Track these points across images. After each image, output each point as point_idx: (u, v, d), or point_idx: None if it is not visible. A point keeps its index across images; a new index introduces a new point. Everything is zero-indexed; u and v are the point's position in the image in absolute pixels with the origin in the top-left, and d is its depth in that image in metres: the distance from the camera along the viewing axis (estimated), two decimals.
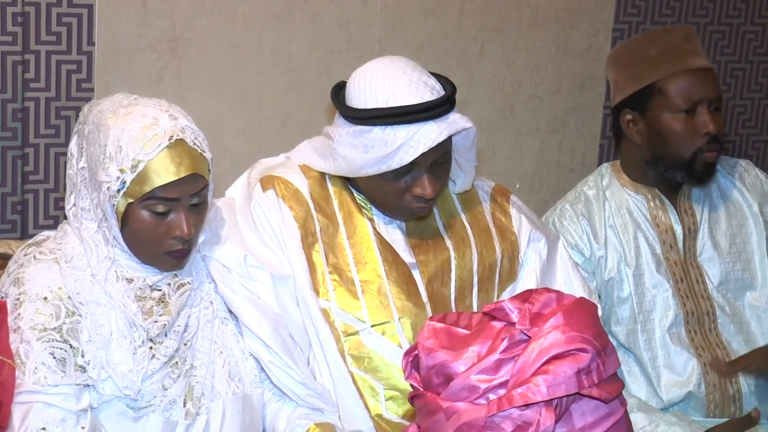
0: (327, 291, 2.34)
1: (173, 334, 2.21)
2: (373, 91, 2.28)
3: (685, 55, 2.78)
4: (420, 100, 2.25)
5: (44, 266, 2.17)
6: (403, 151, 2.25)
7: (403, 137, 2.24)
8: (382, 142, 2.25)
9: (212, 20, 3.07)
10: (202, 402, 2.23)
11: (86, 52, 2.96)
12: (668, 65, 2.77)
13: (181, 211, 2.14)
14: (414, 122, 2.24)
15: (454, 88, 2.33)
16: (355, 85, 2.33)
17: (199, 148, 2.14)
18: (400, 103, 2.25)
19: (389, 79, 2.28)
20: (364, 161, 2.28)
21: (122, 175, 2.09)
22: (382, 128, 2.25)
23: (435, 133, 2.25)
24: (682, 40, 2.82)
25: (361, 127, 2.28)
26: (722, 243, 2.86)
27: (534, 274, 2.51)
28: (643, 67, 2.80)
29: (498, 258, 2.47)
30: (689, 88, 2.75)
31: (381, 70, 2.31)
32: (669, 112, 2.76)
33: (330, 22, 3.20)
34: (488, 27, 3.41)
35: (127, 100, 2.17)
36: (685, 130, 2.75)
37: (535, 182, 3.61)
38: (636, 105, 2.81)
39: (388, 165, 2.27)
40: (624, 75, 2.85)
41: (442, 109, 2.27)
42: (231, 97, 3.14)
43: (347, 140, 2.31)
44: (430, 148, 2.24)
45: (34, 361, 2.07)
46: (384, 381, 2.33)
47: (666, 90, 2.76)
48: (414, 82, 2.28)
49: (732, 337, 2.82)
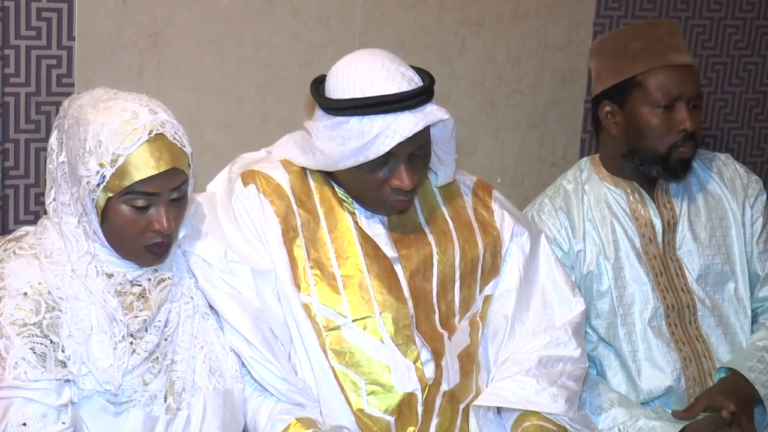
0: (308, 286, 2.35)
1: (154, 329, 2.21)
2: (350, 81, 2.29)
3: (667, 50, 2.79)
4: (397, 90, 2.26)
5: (24, 261, 2.17)
6: (379, 141, 2.25)
7: (380, 127, 2.24)
8: (359, 132, 2.26)
9: (192, 15, 3.06)
10: (183, 397, 2.23)
11: (66, 47, 2.95)
12: (650, 59, 2.78)
13: (161, 205, 2.14)
14: (390, 112, 2.25)
15: (432, 79, 2.33)
16: (333, 77, 2.33)
17: (179, 142, 2.14)
18: (377, 93, 2.26)
19: (367, 70, 2.29)
20: (342, 153, 2.28)
21: (102, 169, 2.08)
22: (359, 118, 2.26)
23: (411, 123, 2.25)
24: (666, 35, 2.82)
25: (339, 119, 2.29)
26: (702, 236, 2.87)
27: (517, 269, 2.51)
28: (625, 60, 2.81)
29: (480, 252, 2.47)
30: (669, 84, 2.75)
31: (360, 62, 2.32)
32: (647, 107, 2.77)
33: (311, 16, 3.20)
34: (469, 21, 3.41)
35: (107, 95, 2.17)
36: (662, 125, 2.76)
37: (516, 176, 3.61)
38: (615, 97, 2.82)
39: (365, 156, 2.27)
40: (605, 66, 2.86)
41: (419, 99, 2.27)
42: (211, 92, 3.13)
43: (325, 133, 2.31)
44: (406, 138, 2.25)
45: (15, 356, 2.07)
46: (365, 376, 2.33)
47: (646, 84, 2.77)
48: (392, 73, 2.28)
49: (711, 330, 2.83)
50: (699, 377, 2.77)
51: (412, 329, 2.36)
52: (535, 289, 2.52)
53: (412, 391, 2.34)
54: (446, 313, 2.42)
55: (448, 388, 2.38)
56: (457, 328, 2.42)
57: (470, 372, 2.42)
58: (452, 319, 2.43)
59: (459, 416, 2.39)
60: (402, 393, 2.33)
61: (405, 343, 2.35)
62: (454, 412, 2.39)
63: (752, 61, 3.85)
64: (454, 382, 2.39)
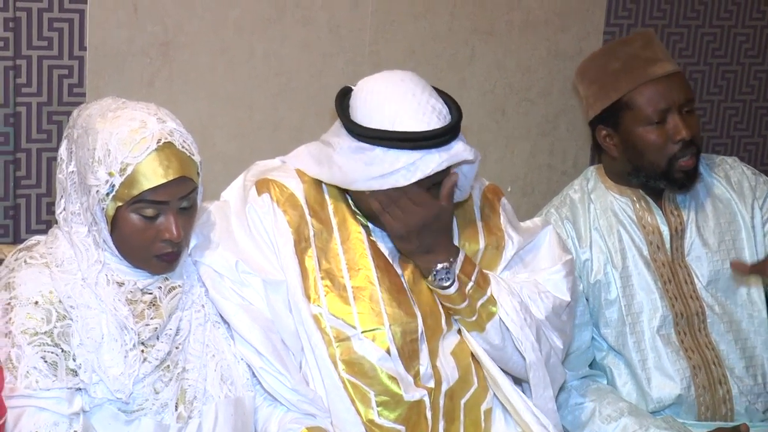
0: (318, 297, 2.34)
1: (165, 337, 2.22)
2: (379, 110, 2.27)
3: (645, 64, 2.77)
4: (426, 126, 2.24)
5: (35, 270, 2.17)
6: (401, 174, 2.24)
7: (404, 162, 2.24)
8: (382, 161, 2.25)
9: (203, 24, 3.07)
10: (195, 405, 2.23)
11: (78, 57, 2.97)
12: (631, 78, 2.76)
13: (170, 214, 2.15)
14: (417, 149, 2.24)
15: (459, 113, 2.32)
16: (361, 99, 2.32)
17: (188, 151, 2.15)
18: (406, 128, 2.24)
19: (397, 101, 2.27)
20: (360, 176, 2.28)
21: (111, 178, 2.09)
22: (385, 150, 2.25)
23: (435, 162, 2.25)
24: (641, 48, 2.80)
25: (364, 144, 2.27)
26: (711, 241, 2.86)
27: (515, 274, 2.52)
28: (607, 83, 2.80)
29: (480, 250, 2.47)
30: (656, 98, 2.74)
31: (389, 89, 2.30)
32: (641, 126, 2.76)
33: (321, 25, 3.20)
34: (479, 30, 3.42)
35: (116, 104, 2.18)
36: (659, 140, 2.75)
37: (526, 185, 3.61)
38: (608, 120, 2.82)
39: (382, 184, 2.26)
40: (592, 91, 2.85)
41: (446, 138, 2.26)
42: (222, 101, 3.14)
43: (348, 154, 2.30)
44: (426, 176, 2.24)
45: (26, 365, 2.07)
46: (375, 386, 2.33)
47: (633, 104, 2.76)
48: (422, 107, 2.26)
49: (721, 336, 2.82)
50: (709, 385, 2.77)
51: (418, 344, 2.37)
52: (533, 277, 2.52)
53: (420, 398, 2.34)
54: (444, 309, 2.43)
55: (448, 387, 2.38)
56: (453, 326, 2.43)
57: (468, 366, 2.43)
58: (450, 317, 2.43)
59: (461, 412, 2.40)
60: (410, 401, 2.34)
61: (409, 357, 2.35)
62: (456, 409, 2.39)
63: (762, 69, 3.85)
64: (453, 380, 2.39)
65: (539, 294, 2.44)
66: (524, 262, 2.54)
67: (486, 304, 2.37)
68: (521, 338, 2.37)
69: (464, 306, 2.37)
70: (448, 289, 2.35)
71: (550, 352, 2.44)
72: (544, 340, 2.42)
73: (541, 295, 2.44)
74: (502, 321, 2.37)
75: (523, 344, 2.37)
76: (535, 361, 2.39)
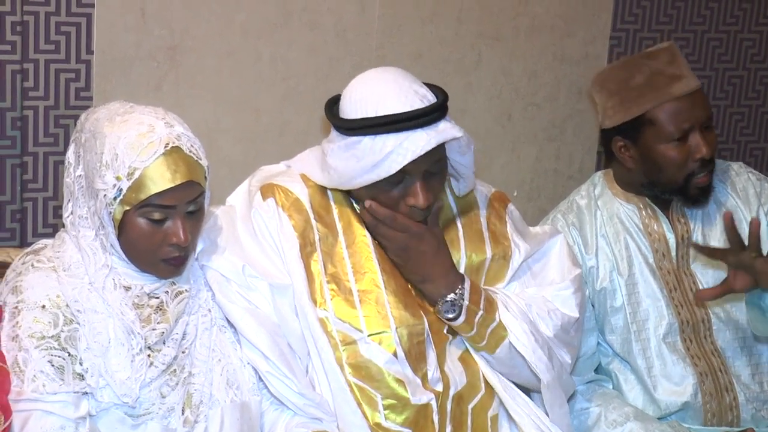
0: (324, 301, 2.35)
1: (171, 342, 2.22)
2: (363, 101, 2.29)
3: (671, 81, 2.76)
4: (409, 107, 2.25)
5: (42, 274, 2.17)
6: (391, 159, 2.25)
7: (392, 145, 2.24)
8: (372, 151, 2.25)
9: (210, 28, 3.07)
10: (201, 409, 2.24)
11: (85, 61, 2.97)
12: (655, 95, 2.75)
13: (178, 218, 2.15)
14: (402, 130, 2.24)
15: (445, 96, 2.33)
16: (347, 97, 2.33)
17: (195, 155, 2.15)
18: (389, 111, 2.25)
19: (379, 89, 2.29)
20: (355, 171, 2.28)
21: (118, 182, 2.09)
22: (372, 137, 2.26)
23: (423, 140, 2.24)
24: (666, 65, 2.79)
25: (352, 138, 2.28)
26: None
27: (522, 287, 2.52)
28: (629, 97, 2.78)
29: (487, 260, 2.47)
30: (679, 117, 2.73)
31: (372, 80, 2.32)
32: (662, 143, 2.74)
33: (328, 30, 3.21)
34: (485, 35, 3.42)
35: (123, 108, 2.18)
36: (679, 156, 2.74)
37: (532, 190, 3.61)
38: (627, 133, 2.80)
39: (378, 174, 2.27)
40: (611, 103, 2.83)
41: (431, 117, 2.26)
42: (229, 105, 3.15)
43: (339, 153, 2.31)
44: (418, 155, 2.24)
45: (33, 369, 2.08)
46: (381, 390, 2.33)
47: (656, 121, 2.74)
48: (404, 90, 2.28)
49: (727, 344, 2.81)
50: (715, 392, 2.76)
51: (425, 345, 2.37)
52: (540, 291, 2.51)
53: (427, 402, 2.34)
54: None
55: (456, 391, 2.38)
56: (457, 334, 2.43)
57: (476, 371, 2.42)
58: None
59: (468, 417, 2.40)
60: (417, 405, 2.34)
61: (416, 359, 2.35)
62: (463, 414, 2.39)
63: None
64: (461, 384, 2.39)
65: (548, 312, 2.43)
66: (532, 272, 2.53)
67: (496, 330, 2.37)
68: (534, 361, 2.37)
69: (473, 333, 2.37)
70: (455, 321, 2.36)
71: (561, 368, 2.45)
72: (555, 359, 2.43)
73: (550, 313, 2.44)
74: (512, 344, 2.37)
75: (538, 366, 2.38)
76: (551, 381, 2.40)
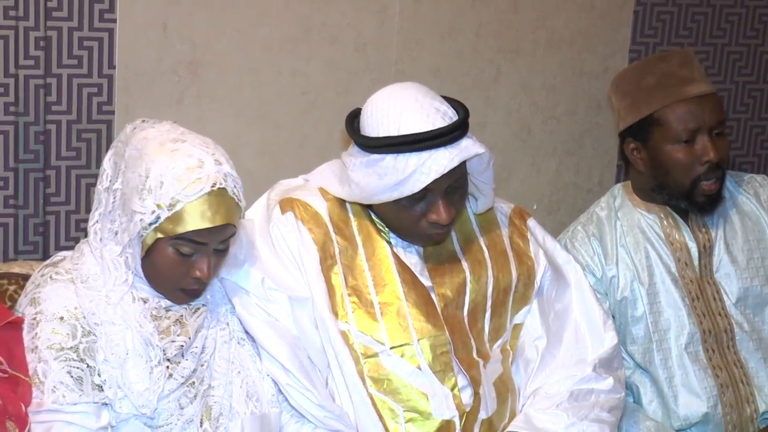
0: (346, 313, 2.35)
1: (191, 355, 2.23)
2: (384, 119, 2.29)
3: (681, 83, 2.76)
4: (431, 126, 2.25)
5: (60, 286, 2.19)
6: (414, 178, 2.25)
7: (415, 164, 2.24)
8: (394, 169, 2.26)
9: (231, 43, 3.09)
10: (221, 422, 2.24)
11: (107, 76, 2.99)
12: (664, 95, 2.75)
13: (206, 255, 2.16)
14: (425, 149, 2.24)
15: (466, 113, 2.33)
16: (368, 113, 2.33)
17: (237, 197, 2.15)
18: (411, 130, 2.25)
19: (400, 107, 2.28)
20: (377, 188, 2.29)
21: (158, 210, 2.09)
22: (394, 156, 2.26)
23: (446, 159, 2.25)
24: (678, 67, 2.79)
25: (374, 156, 2.29)
26: (740, 258, 2.84)
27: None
28: (640, 97, 2.79)
29: (513, 282, 2.47)
30: (687, 118, 2.73)
31: (392, 98, 2.31)
32: (669, 143, 2.75)
33: (347, 44, 3.22)
34: (504, 49, 3.43)
35: (175, 134, 2.16)
36: (686, 159, 2.74)
37: (552, 203, 3.61)
38: (638, 134, 2.81)
39: (400, 192, 2.27)
40: (624, 103, 2.85)
41: (453, 135, 2.26)
42: (250, 119, 3.16)
43: (361, 169, 2.32)
44: (441, 174, 2.24)
45: (53, 380, 2.09)
46: (403, 403, 2.33)
47: (665, 121, 2.75)
48: (425, 109, 2.28)
49: (750, 354, 2.80)
50: (736, 403, 2.76)
51: (450, 356, 2.36)
52: (569, 322, 2.48)
53: (450, 418, 2.33)
54: (478, 341, 2.42)
55: (487, 416, 2.37)
56: (491, 357, 2.42)
57: (506, 399, 2.42)
58: (484, 347, 2.43)
59: None
60: (440, 420, 2.33)
61: (443, 370, 2.35)
62: None
63: None
64: (492, 410, 2.38)
65: (594, 411, 2.41)
66: (556, 312, 2.51)
67: None
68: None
69: None
70: None
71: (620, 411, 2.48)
72: (615, 412, 2.46)
73: (598, 413, 2.41)
74: None
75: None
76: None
